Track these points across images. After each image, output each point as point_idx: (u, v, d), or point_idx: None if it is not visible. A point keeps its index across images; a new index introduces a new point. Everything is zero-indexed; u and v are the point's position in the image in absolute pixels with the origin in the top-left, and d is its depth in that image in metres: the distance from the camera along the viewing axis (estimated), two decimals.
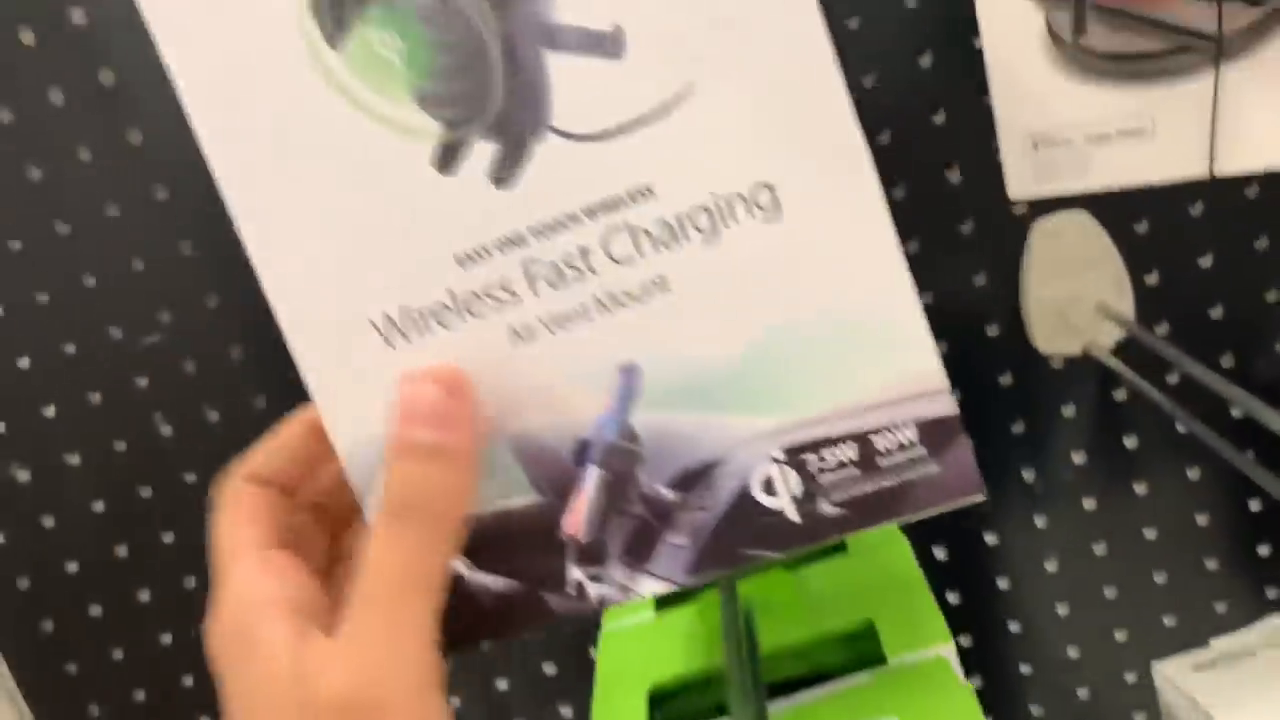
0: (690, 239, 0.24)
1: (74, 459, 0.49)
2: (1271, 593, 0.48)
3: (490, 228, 0.24)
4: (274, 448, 0.27)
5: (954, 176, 0.42)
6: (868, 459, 0.24)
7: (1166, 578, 0.49)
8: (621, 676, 0.40)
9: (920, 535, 0.46)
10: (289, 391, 0.48)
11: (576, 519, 0.25)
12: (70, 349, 0.47)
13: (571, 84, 0.23)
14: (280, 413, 0.51)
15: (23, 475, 0.49)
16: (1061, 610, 0.50)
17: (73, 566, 0.50)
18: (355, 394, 0.25)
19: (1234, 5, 0.27)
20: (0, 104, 0.44)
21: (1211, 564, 0.48)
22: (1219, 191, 0.43)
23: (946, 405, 0.24)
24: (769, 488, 0.25)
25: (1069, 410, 0.45)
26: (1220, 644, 0.33)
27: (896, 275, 0.23)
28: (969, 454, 0.24)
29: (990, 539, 0.49)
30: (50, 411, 0.48)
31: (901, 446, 0.24)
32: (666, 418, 0.25)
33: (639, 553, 0.25)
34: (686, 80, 0.23)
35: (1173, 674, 0.31)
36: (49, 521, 0.50)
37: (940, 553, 0.49)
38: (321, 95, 0.24)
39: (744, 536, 0.25)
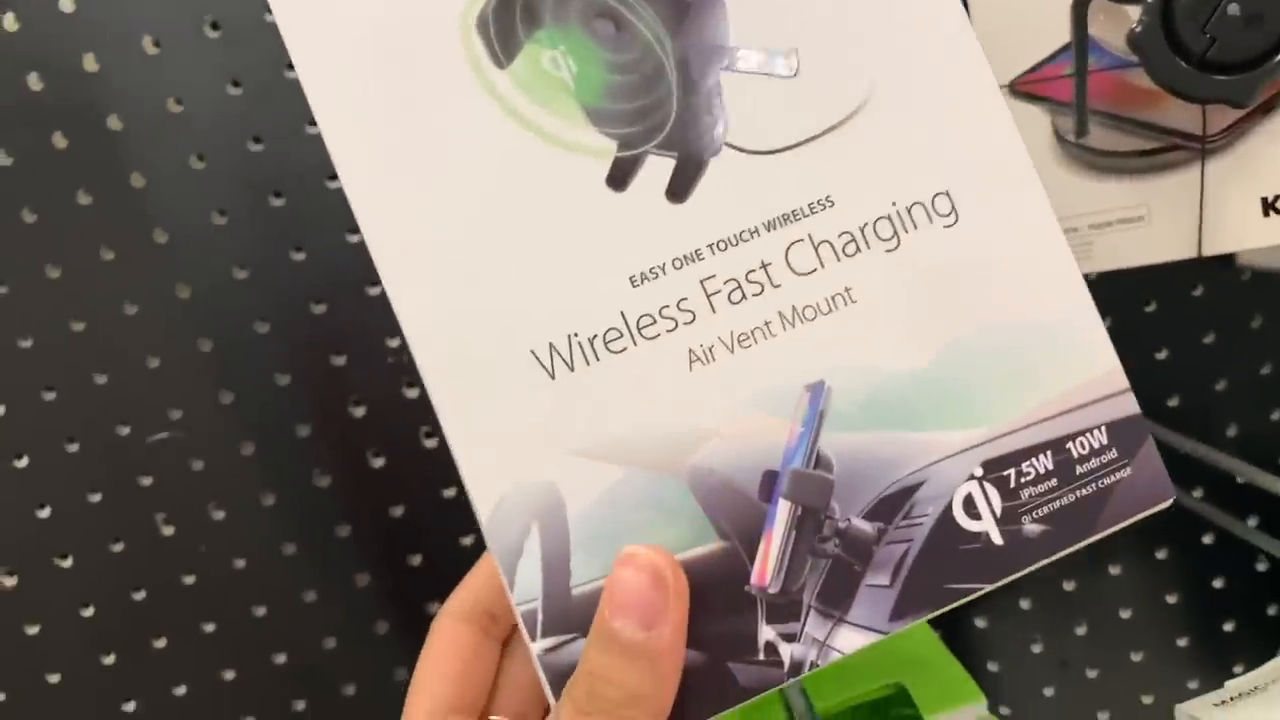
0: (872, 248, 0.23)
1: (65, 562, 0.48)
2: (1238, 668, 0.51)
3: (666, 245, 0.23)
4: (478, 580, 0.27)
5: None
6: (1065, 467, 0.24)
7: (1142, 656, 0.52)
8: None
9: None
10: (300, 489, 0.48)
11: (765, 565, 0.23)
12: (73, 448, 0.47)
13: (747, 101, 0.23)
14: (290, 512, 0.51)
15: (9, 580, 0.47)
16: (1048, 691, 0.52)
17: (54, 678, 0.48)
18: (505, 438, 0.23)
19: (1215, 107, 0.32)
20: (28, 205, 0.45)
21: (1182, 641, 0.51)
22: (1168, 286, 0.48)
23: (1131, 405, 0.24)
24: (971, 509, 0.23)
25: None
26: (1234, 684, 0.35)
27: (1071, 276, 0.24)
28: (1156, 455, 0.24)
29: (980, 622, 0.51)
30: (45, 512, 0.47)
31: (1095, 451, 0.24)
32: (859, 438, 0.23)
33: (837, 601, 0.23)
34: (861, 94, 0.23)
35: (1197, 711, 0.34)
36: (33, 629, 0.48)
37: None
38: (484, 113, 0.23)
39: (949, 569, 0.23)
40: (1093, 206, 0.34)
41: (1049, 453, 0.23)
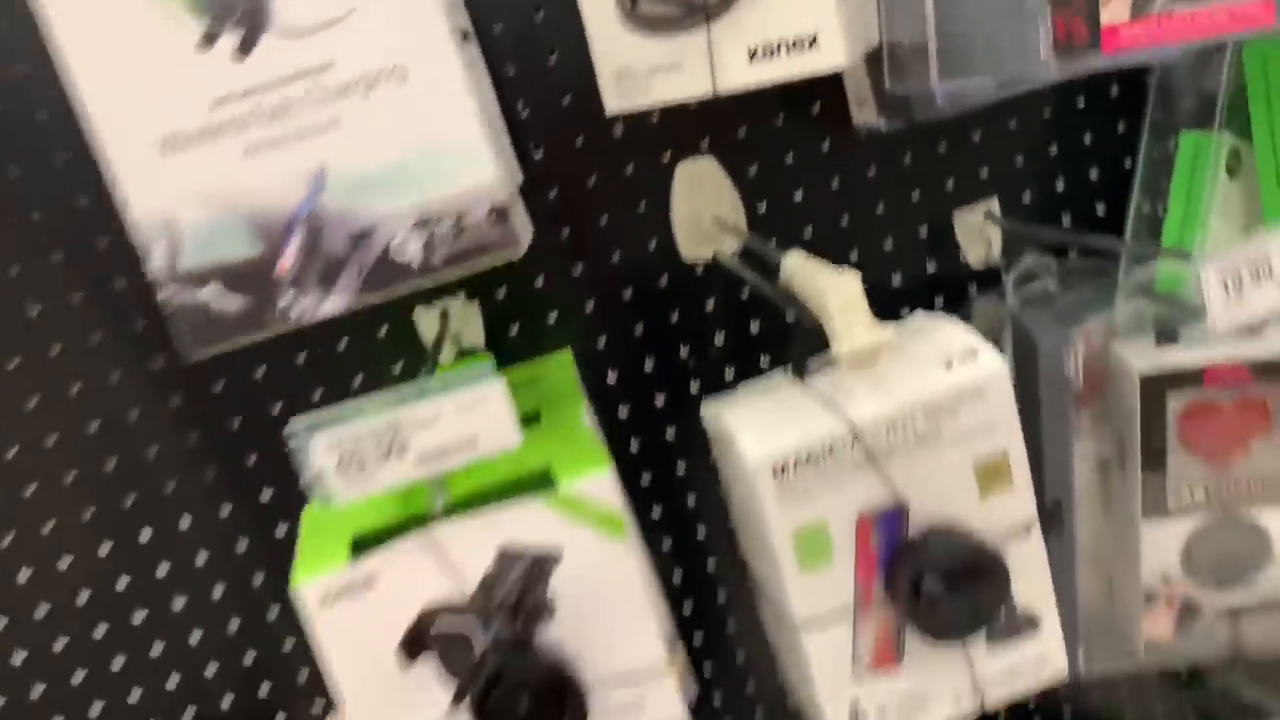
0: (353, 97, 0.41)
1: None
2: None
3: (235, 82, 0.41)
4: None
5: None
6: (460, 227, 0.42)
7: None
8: (323, 531, 0.47)
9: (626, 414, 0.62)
10: None
11: (286, 262, 0.42)
12: None
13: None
14: None
15: None
16: None
17: None
18: (155, 180, 0.41)
19: None
20: None
21: None
22: (807, 144, 0.61)
23: (503, 197, 0.42)
24: (403, 246, 0.42)
25: (709, 304, 0.63)
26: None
27: (463, 98, 0.42)
28: (512, 224, 0.43)
29: (670, 435, 0.64)
30: None
31: (479, 220, 0.42)
32: (343, 200, 0.42)
33: (326, 283, 0.43)
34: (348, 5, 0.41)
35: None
36: None
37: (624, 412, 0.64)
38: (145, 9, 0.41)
39: (389, 274, 0.43)
40: (646, 57, 0.48)
41: (453, 217, 0.42)
